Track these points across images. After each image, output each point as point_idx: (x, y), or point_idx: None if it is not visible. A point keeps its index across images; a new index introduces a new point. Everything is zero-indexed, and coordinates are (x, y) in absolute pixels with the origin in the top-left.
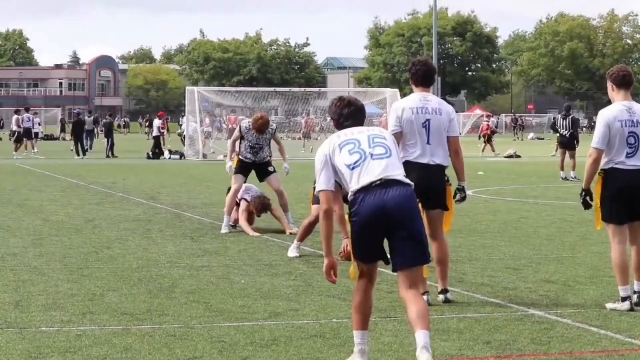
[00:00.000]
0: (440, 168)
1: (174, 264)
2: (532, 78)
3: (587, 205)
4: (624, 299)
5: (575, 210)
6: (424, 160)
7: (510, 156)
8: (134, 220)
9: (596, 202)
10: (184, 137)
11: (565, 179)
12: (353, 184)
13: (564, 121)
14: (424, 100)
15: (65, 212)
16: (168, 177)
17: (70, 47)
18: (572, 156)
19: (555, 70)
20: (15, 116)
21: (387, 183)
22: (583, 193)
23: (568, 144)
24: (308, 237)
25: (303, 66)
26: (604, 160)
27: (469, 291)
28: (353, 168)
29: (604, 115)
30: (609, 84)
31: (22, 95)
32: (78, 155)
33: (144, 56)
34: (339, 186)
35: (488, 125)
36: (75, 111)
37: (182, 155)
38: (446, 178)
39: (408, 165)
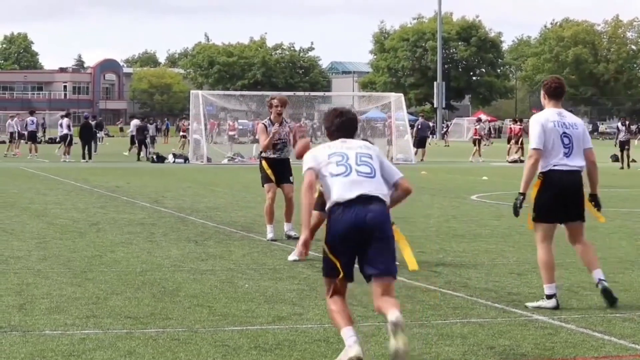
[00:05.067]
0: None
1: (178, 267)
2: (537, 83)
3: (517, 213)
4: (549, 297)
5: None
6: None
7: (514, 161)
8: (138, 224)
9: (531, 202)
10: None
11: None
12: (334, 195)
13: None
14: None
15: (70, 216)
16: (172, 181)
17: (75, 51)
18: None
19: (559, 75)
20: (65, 119)
21: (366, 200)
22: (521, 197)
23: None
24: (312, 242)
25: (308, 70)
26: (542, 164)
27: (472, 296)
28: (335, 177)
29: (536, 118)
30: (542, 92)
31: (27, 98)
32: (84, 158)
33: (148, 60)
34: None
35: (521, 129)
36: (84, 115)
37: (186, 159)
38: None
39: None
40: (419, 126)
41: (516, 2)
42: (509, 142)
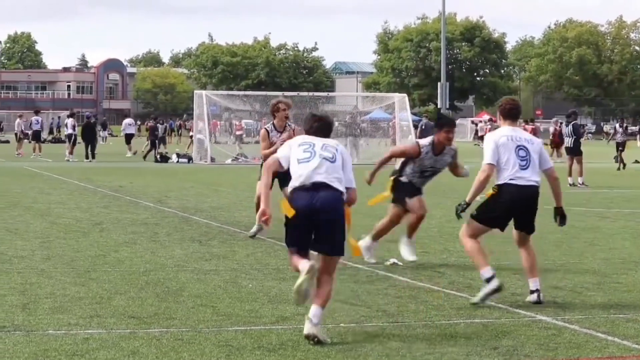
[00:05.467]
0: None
1: (182, 267)
2: (540, 84)
3: (458, 216)
4: (489, 280)
5: (583, 216)
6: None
7: None
8: (142, 223)
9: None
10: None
11: (573, 185)
12: (295, 177)
13: (567, 128)
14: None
15: (73, 215)
16: (176, 181)
17: (79, 50)
18: (579, 162)
19: (563, 76)
20: (70, 119)
21: (319, 185)
22: (464, 205)
23: (573, 150)
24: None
25: (311, 71)
26: (498, 177)
27: (476, 296)
28: (301, 162)
29: (489, 136)
30: (498, 114)
31: (30, 98)
32: (87, 158)
33: (152, 60)
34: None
35: (533, 128)
36: (86, 115)
37: (189, 159)
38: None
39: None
40: (423, 127)
41: (520, 2)
42: None
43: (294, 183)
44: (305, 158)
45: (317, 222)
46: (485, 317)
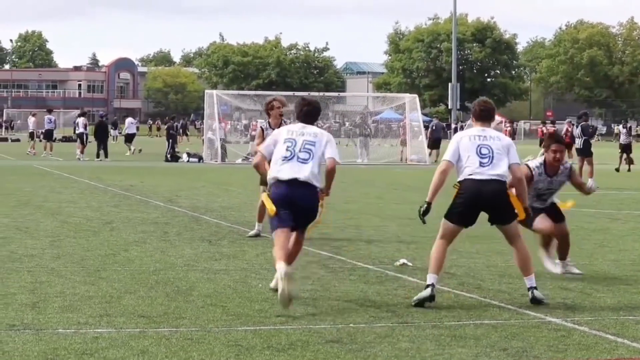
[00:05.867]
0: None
1: (192, 267)
2: (551, 85)
3: (422, 220)
4: (427, 286)
5: (593, 217)
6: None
7: None
8: (152, 223)
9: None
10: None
11: None
12: (275, 171)
13: (577, 129)
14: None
15: (83, 214)
16: (186, 180)
17: (90, 49)
18: (590, 163)
19: (574, 77)
20: (81, 119)
21: (299, 184)
22: (425, 206)
23: (583, 151)
24: (327, 242)
25: (322, 71)
26: (461, 174)
27: (486, 298)
28: (282, 159)
29: (455, 136)
30: (471, 115)
31: (41, 96)
32: (98, 157)
33: (163, 59)
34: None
35: (554, 130)
36: (99, 114)
37: (200, 159)
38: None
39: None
40: (434, 127)
41: (531, 4)
42: (540, 144)
43: (273, 175)
44: (286, 157)
45: (295, 210)
46: (494, 318)
